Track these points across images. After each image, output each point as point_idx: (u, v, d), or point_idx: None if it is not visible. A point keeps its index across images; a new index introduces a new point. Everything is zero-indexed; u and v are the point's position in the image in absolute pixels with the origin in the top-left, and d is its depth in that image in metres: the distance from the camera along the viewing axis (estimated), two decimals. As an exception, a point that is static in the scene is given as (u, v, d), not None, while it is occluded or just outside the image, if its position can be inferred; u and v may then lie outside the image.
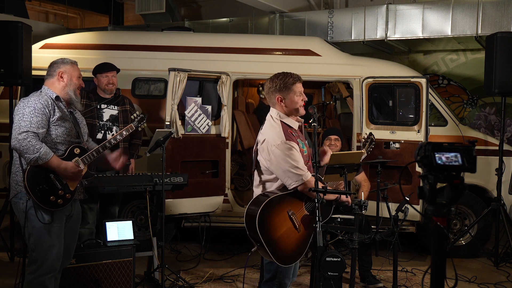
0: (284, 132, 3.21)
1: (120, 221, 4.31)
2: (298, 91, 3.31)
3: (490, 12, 7.15)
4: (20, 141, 3.20)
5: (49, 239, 3.33)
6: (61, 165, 3.32)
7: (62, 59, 3.58)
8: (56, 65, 3.52)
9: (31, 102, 3.32)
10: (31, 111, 3.27)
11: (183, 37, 6.38)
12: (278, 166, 3.14)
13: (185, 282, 4.78)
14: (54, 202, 3.33)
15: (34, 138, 3.22)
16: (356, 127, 5.81)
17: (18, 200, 3.36)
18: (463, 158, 1.85)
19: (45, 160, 3.24)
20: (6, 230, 5.59)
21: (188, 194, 5.33)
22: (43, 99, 3.35)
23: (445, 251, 1.88)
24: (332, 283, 4.13)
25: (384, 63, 6.35)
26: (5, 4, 9.76)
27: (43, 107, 3.31)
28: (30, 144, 3.19)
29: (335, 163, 4.24)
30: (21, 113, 3.28)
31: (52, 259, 3.35)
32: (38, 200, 3.28)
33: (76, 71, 3.55)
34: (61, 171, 3.33)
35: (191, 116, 5.44)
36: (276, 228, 3.09)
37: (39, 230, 3.32)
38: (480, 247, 5.84)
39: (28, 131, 3.21)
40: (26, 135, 3.20)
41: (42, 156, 3.22)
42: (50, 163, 3.28)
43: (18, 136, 3.21)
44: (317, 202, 3.09)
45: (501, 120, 5.70)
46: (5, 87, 5.76)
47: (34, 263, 3.34)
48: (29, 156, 3.20)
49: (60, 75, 3.48)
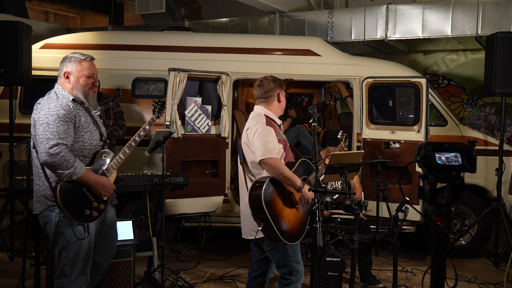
0: (266, 120, 3.41)
1: (120, 221, 4.31)
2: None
3: (490, 12, 7.15)
4: (53, 156, 2.91)
5: (85, 252, 3.14)
6: (96, 180, 3.10)
7: (71, 55, 3.23)
8: (62, 64, 3.21)
9: (52, 109, 3.01)
10: (55, 120, 2.97)
11: (183, 37, 6.38)
12: (253, 143, 3.32)
13: (185, 282, 4.78)
14: (89, 216, 3.12)
15: (66, 151, 2.95)
16: (356, 127, 5.81)
17: (50, 213, 3.09)
18: (463, 158, 1.84)
19: (79, 175, 3.00)
20: (6, 230, 5.59)
21: (188, 194, 5.33)
22: (63, 104, 3.05)
23: (445, 251, 1.87)
24: (332, 283, 4.14)
25: (384, 63, 6.35)
26: (5, 4, 9.75)
27: (66, 113, 3.03)
28: (63, 159, 2.92)
29: (335, 163, 4.25)
30: (45, 123, 2.97)
31: (86, 272, 3.17)
32: (73, 216, 3.05)
33: (84, 70, 3.18)
34: (95, 187, 3.10)
35: (191, 116, 5.44)
36: (280, 207, 3.25)
37: (74, 245, 3.10)
38: (480, 247, 5.84)
39: (58, 143, 2.92)
40: (58, 148, 2.91)
41: (76, 171, 2.98)
42: (84, 178, 3.04)
43: (49, 150, 2.91)
44: (317, 202, 3.11)
45: (501, 120, 5.70)
46: (5, 87, 5.76)
47: (66, 277, 3.12)
48: (63, 171, 2.94)
49: (66, 75, 3.18)
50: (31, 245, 4.45)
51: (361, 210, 4.04)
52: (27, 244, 4.62)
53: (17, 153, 5.51)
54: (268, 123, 3.40)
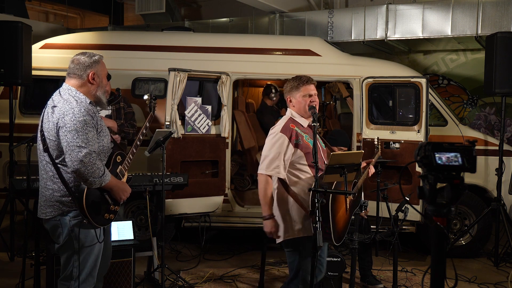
0: (285, 124, 3.39)
1: (120, 221, 4.31)
2: (306, 93, 3.48)
3: (490, 12, 7.15)
4: (86, 165, 2.87)
5: (95, 256, 3.15)
6: (118, 185, 3.13)
7: (89, 55, 3.13)
8: (84, 65, 3.08)
9: (78, 114, 2.94)
10: (83, 126, 2.92)
11: (183, 37, 6.38)
12: (264, 150, 3.39)
13: (185, 282, 4.78)
14: (108, 220, 3.16)
15: (97, 159, 2.94)
16: (356, 127, 5.81)
17: (64, 217, 3.06)
18: (463, 158, 1.84)
19: (107, 181, 3.02)
20: (6, 230, 5.59)
21: (188, 194, 5.33)
22: (87, 108, 3.00)
23: (445, 251, 1.88)
24: (332, 283, 4.14)
25: (384, 63, 6.35)
26: (5, 4, 9.76)
27: (91, 119, 2.98)
28: (96, 167, 2.91)
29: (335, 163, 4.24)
30: (74, 129, 2.90)
31: (94, 274, 3.18)
32: (94, 220, 3.04)
33: (105, 69, 3.18)
34: (117, 192, 3.13)
35: (191, 116, 5.44)
36: (338, 206, 3.32)
37: (88, 249, 3.11)
38: (480, 247, 5.84)
39: (90, 152, 2.90)
40: (90, 157, 2.89)
41: (105, 178, 2.99)
42: (110, 184, 3.05)
43: (83, 159, 2.87)
44: (317, 202, 3.10)
45: (501, 120, 5.70)
46: (5, 87, 5.76)
47: (75, 280, 3.10)
48: (94, 180, 2.93)
49: (92, 76, 3.08)
50: (31, 245, 4.46)
51: (361, 210, 4.04)
52: (27, 244, 4.62)
53: (17, 153, 5.51)
54: (286, 126, 3.38)
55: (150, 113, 3.94)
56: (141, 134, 3.56)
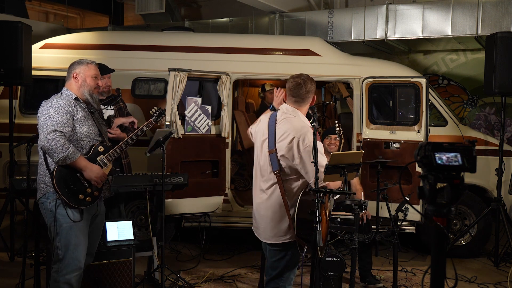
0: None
1: (120, 221, 4.31)
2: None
3: (490, 12, 7.15)
4: (50, 141, 3.29)
5: (76, 237, 3.42)
6: (87, 166, 3.44)
7: (79, 60, 3.67)
8: (72, 67, 3.62)
9: (54, 103, 3.42)
10: (55, 111, 3.37)
11: (183, 37, 6.38)
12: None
13: (185, 282, 4.78)
14: (83, 200, 3.45)
15: (62, 137, 3.32)
16: (356, 127, 5.81)
17: (45, 200, 3.44)
18: (463, 158, 1.84)
19: (73, 159, 3.35)
20: (6, 230, 5.59)
21: (188, 194, 5.33)
22: (65, 100, 3.46)
23: (445, 251, 1.87)
24: (332, 283, 4.14)
25: (384, 63, 6.35)
26: (5, 4, 9.76)
27: (66, 107, 3.41)
28: (59, 144, 3.29)
29: (335, 163, 4.24)
30: (46, 114, 3.37)
31: (78, 257, 3.43)
32: (67, 199, 3.38)
33: (90, 71, 3.61)
34: (88, 173, 3.44)
35: (191, 116, 5.44)
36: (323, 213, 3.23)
37: (66, 228, 3.40)
38: (480, 247, 5.84)
39: (56, 130, 3.31)
40: (55, 134, 3.30)
41: (70, 156, 3.33)
42: (77, 163, 3.39)
43: (47, 136, 3.29)
44: (317, 202, 3.10)
45: (501, 120, 5.70)
46: (5, 87, 5.76)
47: (60, 262, 3.41)
48: (58, 155, 3.30)
49: (75, 76, 3.58)
50: (31, 245, 4.45)
51: (361, 210, 4.04)
52: (27, 244, 4.62)
53: (17, 153, 5.51)
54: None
55: (151, 120, 4.10)
56: (135, 135, 3.81)
